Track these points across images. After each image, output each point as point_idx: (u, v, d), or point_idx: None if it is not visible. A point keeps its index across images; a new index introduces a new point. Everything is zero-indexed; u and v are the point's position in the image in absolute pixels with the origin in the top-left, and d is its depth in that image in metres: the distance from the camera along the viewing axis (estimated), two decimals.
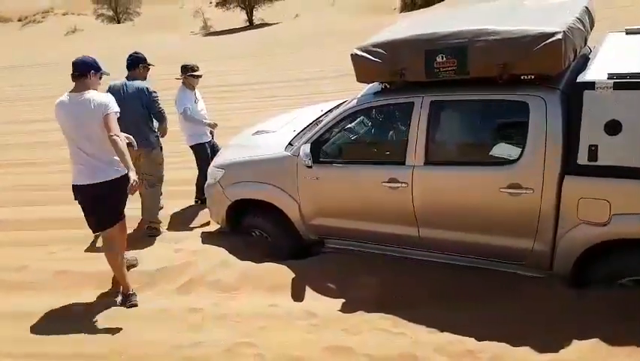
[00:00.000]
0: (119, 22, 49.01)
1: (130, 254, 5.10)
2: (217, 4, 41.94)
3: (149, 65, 5.86)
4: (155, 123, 5.78)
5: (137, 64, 5.77)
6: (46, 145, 10.46)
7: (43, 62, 25.20)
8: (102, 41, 32.62)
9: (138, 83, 5.67)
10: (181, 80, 6.37)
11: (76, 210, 6.58)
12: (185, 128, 6.37)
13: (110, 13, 50.67)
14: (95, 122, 4.19)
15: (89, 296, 4.71)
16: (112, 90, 5.43)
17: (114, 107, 4.27)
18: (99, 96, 4.27)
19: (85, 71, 4.31)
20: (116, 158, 4.24)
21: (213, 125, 6.40)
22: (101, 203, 4.36)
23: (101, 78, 4.49)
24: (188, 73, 6.29)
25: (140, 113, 5.59)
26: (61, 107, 4.27)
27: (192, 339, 3.95)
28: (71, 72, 4.33)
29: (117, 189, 4.27)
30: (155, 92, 5.71)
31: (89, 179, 4.29)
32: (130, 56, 5.84)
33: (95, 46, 28.70)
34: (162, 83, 16.25)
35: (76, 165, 4.34)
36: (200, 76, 6.39)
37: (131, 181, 4.04)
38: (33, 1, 51.11)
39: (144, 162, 5.62)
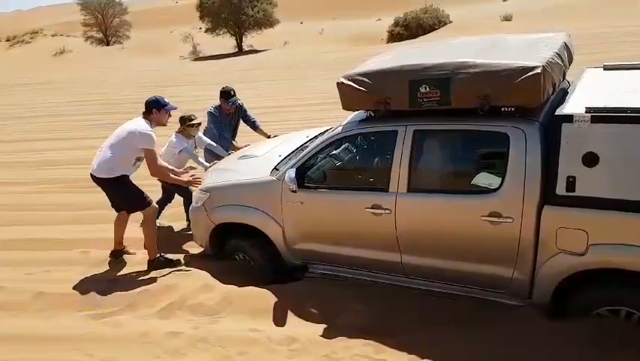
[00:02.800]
0: (108, 45, 49.17)
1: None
2: (207, 30, 42.32)
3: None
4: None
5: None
6: (26, 165, 10.39)
7: (26, 82, 25.13)
8: (91, 63, 32.65)
9: None
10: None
11: (56, 231, 6.56)
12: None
13: (100, 35, 50.88)
14: (124, 139, 5.21)
15: (68, 319, 4.66)
16: None
17: (146, 145, 5.15)
18: (145, 130, 5.17)
19: (147, 108, 5.36)
20: (113, 167, 5.24)
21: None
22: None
23: (168, 113, 5.42)
24: (187, 123, 6.28)
25: None
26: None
27: None
28: None
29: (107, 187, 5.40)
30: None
31: (92, 168, 5.37)
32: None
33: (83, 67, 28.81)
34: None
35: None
36: (198, 124, 6.37)
37: None
38: (22, 22, 51.14)
39: None
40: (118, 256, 5.72)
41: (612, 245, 3.49)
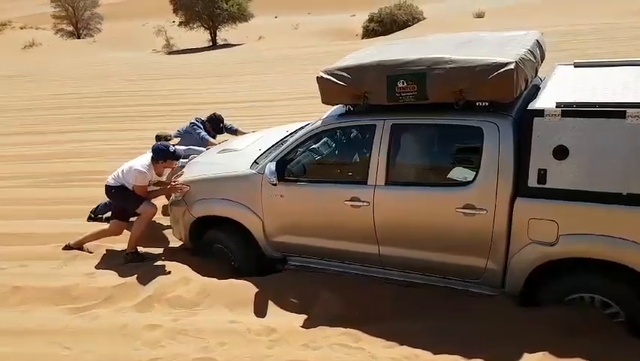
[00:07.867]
0: (79, 38, 48.13)
1: None
2: (180, 24, 41.75)
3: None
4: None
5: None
6: (1, 159, 10.19)
7: None
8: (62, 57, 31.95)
9: None
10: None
11: (32, 226, 6.47)
12: None
13: (70, 28, 49.74)
14: (127, 170, 5.52)
15: (45, 313, 4.62)
16: None
17: (134, 182, 5.44)
18: (137, 167, 5.40)
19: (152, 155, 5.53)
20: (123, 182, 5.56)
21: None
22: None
23: (164, 164, 5.56)
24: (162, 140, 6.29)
25: None
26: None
27: (151, 355, 3.94)
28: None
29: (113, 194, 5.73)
30: None
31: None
32: None
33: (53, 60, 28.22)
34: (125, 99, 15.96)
35: None
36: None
37: None
38: None
39: None
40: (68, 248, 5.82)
41: (581, 235, 3.63)
